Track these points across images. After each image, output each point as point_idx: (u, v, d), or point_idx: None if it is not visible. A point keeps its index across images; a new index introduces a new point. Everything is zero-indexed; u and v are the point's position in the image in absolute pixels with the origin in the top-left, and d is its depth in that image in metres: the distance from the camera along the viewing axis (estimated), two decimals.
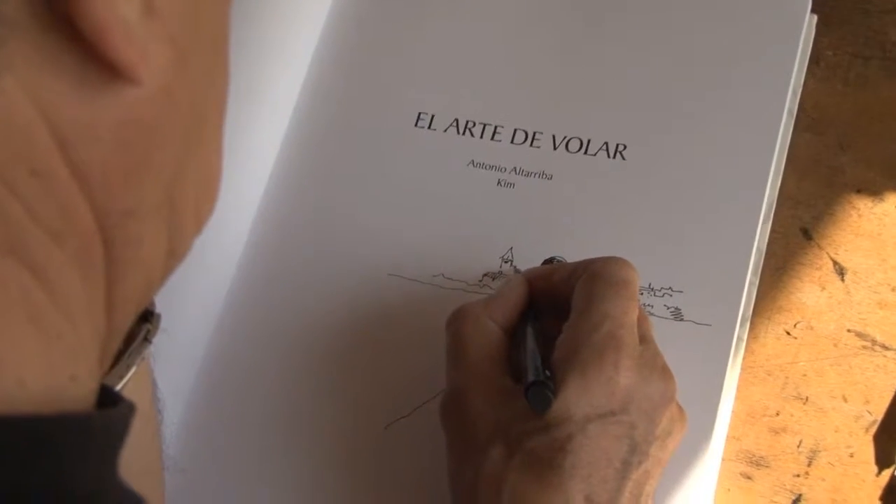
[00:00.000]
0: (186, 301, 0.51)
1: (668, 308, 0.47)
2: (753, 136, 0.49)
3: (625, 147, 0.50)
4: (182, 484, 0.47)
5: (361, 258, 0.51)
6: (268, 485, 0.48)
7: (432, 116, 0.54)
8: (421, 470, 0.47)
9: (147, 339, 0.35)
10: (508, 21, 0.55)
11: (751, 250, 0.47)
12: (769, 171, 0.48)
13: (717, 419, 0.44)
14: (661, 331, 0.43)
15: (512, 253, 0.50)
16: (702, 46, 0.51)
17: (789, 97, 0.49)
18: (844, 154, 0.50)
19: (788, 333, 0.48)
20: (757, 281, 0.48)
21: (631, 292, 0.41)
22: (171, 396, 0.46)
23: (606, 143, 0.51)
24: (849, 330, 0.47)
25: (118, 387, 0.33)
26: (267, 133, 0.55)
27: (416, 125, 0.54)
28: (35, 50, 0.19)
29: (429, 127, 0.54)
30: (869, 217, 0.49)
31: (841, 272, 0.48)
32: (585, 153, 0.51)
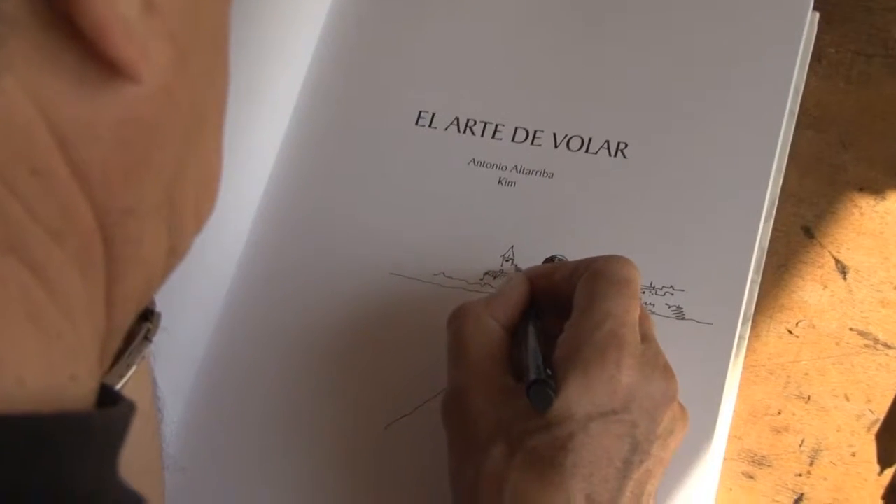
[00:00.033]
0: (187, 300, 0.51)
1: (670, 307, 0.47)
2: (755, 134, 0.49)
3: (626, 145, 0.50)
4: (182, 483, 0.47)
5: (362, 257, 0.51)
6: (268, 484, 0.48)
7: (433, 115, 0.54)
8: (421, 469, 0.46)
9: (147, 338, 0.35)
10: (510, 19, 0.55)
11: (752, 249, 0.47)
12: (771, 170, 0.48)
13: (719, 418, 0.44)
14: (663, 330, 0.43)
15: (513, 251, 0.49)
16: (704, 44, 0.51)
17: (791, 95, 0.49)
18: (847, 152, 0.50)
19: (790, 332, 0.48)
20: (759, 279, 0.48)
21: (633, 291, 0.41)
22: (172, 395, 0.46)
23: (608, 142, 0.51)
24: (851, 329, 0.47)
25: (118, 386, 0.32)
26: (267, 132, 0.55)
27: (417, 124, 0.54)
28: (35, 48, 0.19)
29: (429, 125, 0.54)
30: (871, 215, 0.49)
31: (843, 271, 0.48)
32: (587, 151, 0.51)
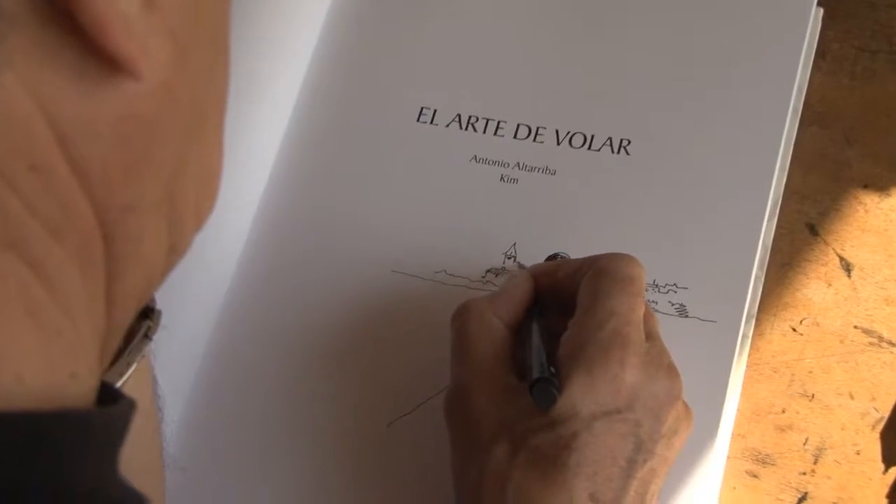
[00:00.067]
0: (187, 298, 0.51)
1: (673, 304, 0.46)
2: (759, 131, 0.48)
3: (629, 142, 0.50)
4: (182, 482, 0.47)
5: (363, 255, 0.51)
6: (268, 483, 0.48)
7: (434, 111, 0.54)
8: (424, 467, 0.46)
9: (147, 336, 0.35)
10: (512, 15, 0.55)
11: (756, 246, 0.46)
12: (774, 166, 0.48)
13: (723, 416, 0.44)
14: (666, 327, 0.43)
15: (515, 249, 0.49)
16: (707, 40, 0.51)
17: (795, 92, 0.49)
18: (851, 148, 0.50)
19: (794, 330, 0.47)
20: (762, 277, 0.47)
21: (637, 289, 0.41)
22: (172, 394, 0.45)
23: (610, 139, 0.50)
24: (855, 326, 0.47)
25: (119, 384, 0.32)
26: (267, 130, 0.55)
27: (418, 121, 0.54)
28: (35, 45, 0.19)
29: (431, 122, 0.53)
30: (876, 212, 0.48)
31: (847, 268, 0.48)
32: (589, 148, 0.50)
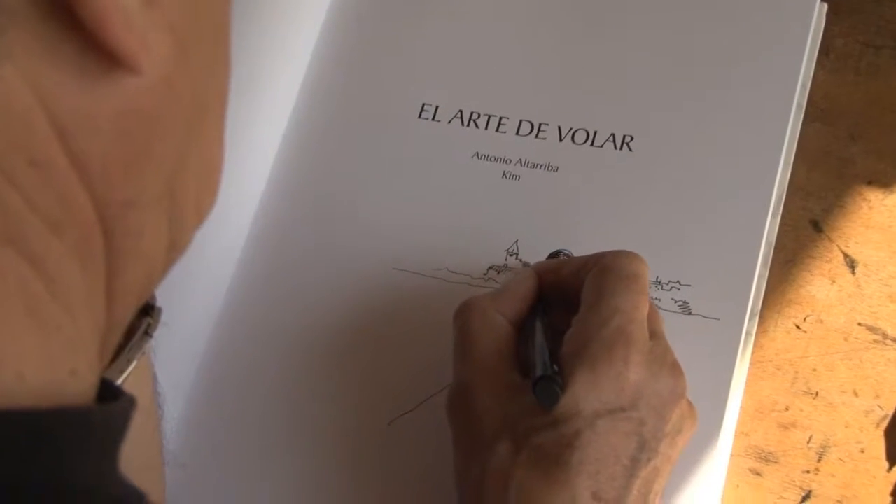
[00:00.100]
0: (187, 295, 0.51)
1: (676, 302, 0.46)
2: (763, 127, 0.48)
3: (632, 138, 0.50)
4: (183, 479, 0.47)
5: (364, 252, 0.51)
6: (269, 481, 0.48)
7: (436, 108, 0.53)
8: (425, 466, 0.46)
9: (148, 333, 0.35)
10: (514, 10, 0.55)
11: (760, 243, 0.46)
12: (778, 163, 0.47)
13: (726, 414, 0.44)
14: (669, 325, 0.43)
15: (517, 246, 0.49)
16: (711, 36, 0.51)
17: (799, 88, 0.49)
18: (855, 144, 0.49)
19: (798, 327, 0.47)
20: (766, 274, 0.47)
21: (641, 286, 0.40)
22: (172, 391, 0.45)
23: (613, 135, 0.50)
24: (859, 324, 0.47)
25: (119, 381, 0.32)
26: (268, 127, 0.55)
27: (420, 117, 0.53)
28: (35, 39, 0.19)
29: (432, 118, 0.53)
30: (880, 209, 0.48)
31: (851, 265, 0.47)
32: (592, 145, 0.50)
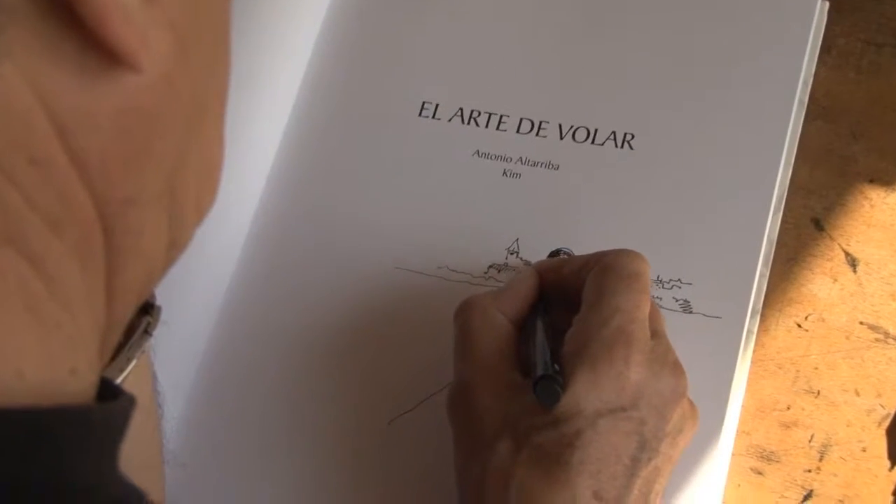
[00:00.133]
0: (187, 294, 0.51)
1: (677, 300, 0.46)
2: (764, 126, 0.48)
3: (633, 137, 0.50)
4: (182, 479, 0.47)
5: (364, 250, 0.51)
6: (269, 480, 0.48)
7: (436, 106, 0.53)
8: (425, 465, 0.46)
9: (147, 332, 0.35)
10: (514, 8, 0.55)
11: (761, 241, 0.46)
12: (780, 161, 0.47)
13: (727, 413, 0.44)
14: (670, 323, 0.43)
15: (518, 244, 0.49)
16: (712, 34, 0.51)
17: (800, 86, 0.48)
18: (857, 143, 0.49)
19: (799, 326, 0.47)
20: (767, 273, 0.47)
21: (642, 285, 0.40)
22: (172, 390, 0.45)
23: (614, 133, 0.50)
24: (861, 322, 0.46)
25: (118, 380, 0.32)
26: (268, 124, 0.55)
27: (420, 115, 0.53)
28: (34, 37, 0.19)
29: (433, 116, 0.53)
30: (881, 207, 0.48)
31: (853, 263, 0.47)
32: (593, 143, 0.50)
